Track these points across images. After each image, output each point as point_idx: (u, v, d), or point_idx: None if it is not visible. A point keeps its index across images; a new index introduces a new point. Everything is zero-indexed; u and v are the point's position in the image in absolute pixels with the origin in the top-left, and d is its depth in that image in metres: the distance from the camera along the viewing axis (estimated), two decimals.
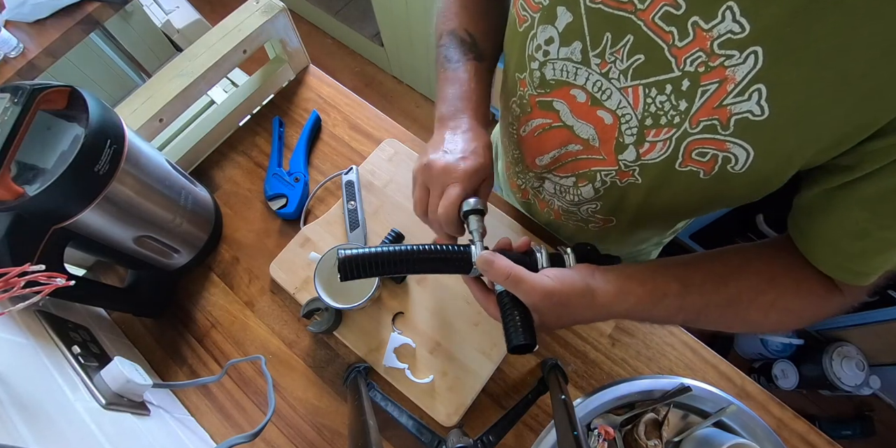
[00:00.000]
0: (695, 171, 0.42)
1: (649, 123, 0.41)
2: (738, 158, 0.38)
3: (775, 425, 0.61)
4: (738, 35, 0.32)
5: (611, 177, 0.51)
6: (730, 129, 0.37)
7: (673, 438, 0.58)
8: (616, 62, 0.40)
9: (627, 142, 0.45)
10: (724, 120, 0.36)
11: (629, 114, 0.42)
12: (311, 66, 0.90)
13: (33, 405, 0.42)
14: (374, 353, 0.67)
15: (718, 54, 0.34)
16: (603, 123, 0.46)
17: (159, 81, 0.72)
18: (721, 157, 0.39)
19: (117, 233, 0.60)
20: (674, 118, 0.39)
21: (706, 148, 0.39)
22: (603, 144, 0.48)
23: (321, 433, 0.65)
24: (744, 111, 0.35)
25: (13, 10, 1.11)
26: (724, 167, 0.40)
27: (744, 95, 0.34)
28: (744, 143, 0.37)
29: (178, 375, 0.70)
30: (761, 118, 0.35)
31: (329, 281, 0.66)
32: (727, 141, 0.38)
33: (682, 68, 0.36)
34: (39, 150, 0.51)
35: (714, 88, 0.35)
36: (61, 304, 0.63)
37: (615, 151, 0.47)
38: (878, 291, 1.18)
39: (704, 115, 0.37)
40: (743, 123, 0.36)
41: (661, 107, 0.39)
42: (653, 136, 0.42)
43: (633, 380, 0.61)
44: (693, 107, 0.37)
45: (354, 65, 2.09)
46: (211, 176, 0.82)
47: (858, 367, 1.37)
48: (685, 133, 0.39)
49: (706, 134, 0.38)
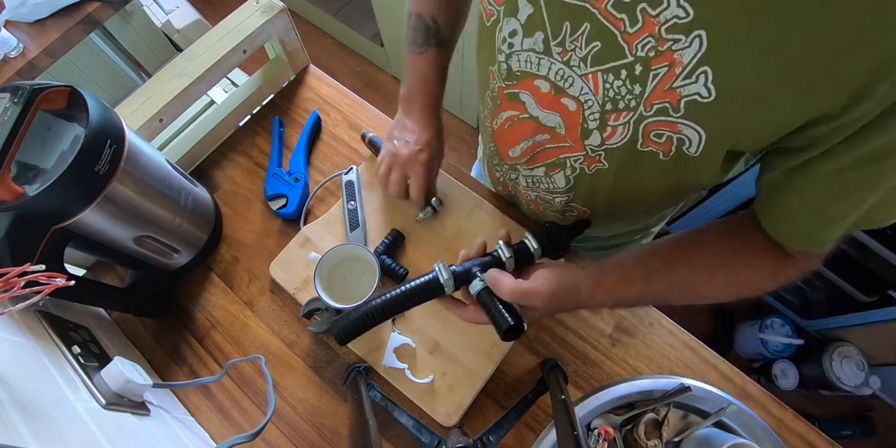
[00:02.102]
0: (655, 151, 0.44)
1: (609, 108, 0.43)
2: (692, 141, 0.40)
3: (775, 425, 0.61)
4: (682, 20, 0.34)
5: (579, 163, 0.53)
6: (680, 111, 0.38)
7: (673, 438, 0.58)
8: (576, 50, 0.42)
9: (591, 127, 0.47)
10: (675, 102, 0.38)
11: (591, 99, 0.44)
12: (311, 66, 0.90)
13: (33, 405, 0.42)
14: (374, 353, 0.67)
15: (666, 39, 0.35)
16: (567, 110, 0.48)
17: (159, 81, 0.72)
18: (676, 138, 0.41)
19: (117, 233, 0.60)
20: (630, 102, 0.41)
21: (661, 130, 0.41)
22: (569, 131, 0.50)
23: (321, 433, 0.65)
24: (692, 93, 0.36)
25: (13, 10, 1.11)
26: (680, 149, 0.42)
27: (691, 78, 0.36)
28: (694, 124, 0.39)
29: (178, 375, 0.70)
30: (708, 100, 0.36)
31: (329, 281, 0.66)
32: (679, 123, 0.39)
33: (634, 53, 0.38)
34: (39, 150, 0.51)
35: (664, 72, 0.37)
36: (61, 304, 0.63)
37: (581, 137, 0.49)
38: (878, 291, 1.19)
39: (657, 98, 0.39)
40: (692, 106, 0.37)
41: (619, 91, 0.41)
42: (613, 121, 0.44)
43: (633, 380, 0.61)
44: (646, 90, 0.39)
45: (354, 65, 2.09)
46: (211, 176, 0.82)
47: (858, 367, 1.36)
48: (641, 116, 0.41)
49: (659, 116, 0.40)
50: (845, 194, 0.39)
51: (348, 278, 0.68)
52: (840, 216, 0.40)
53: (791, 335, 1.48)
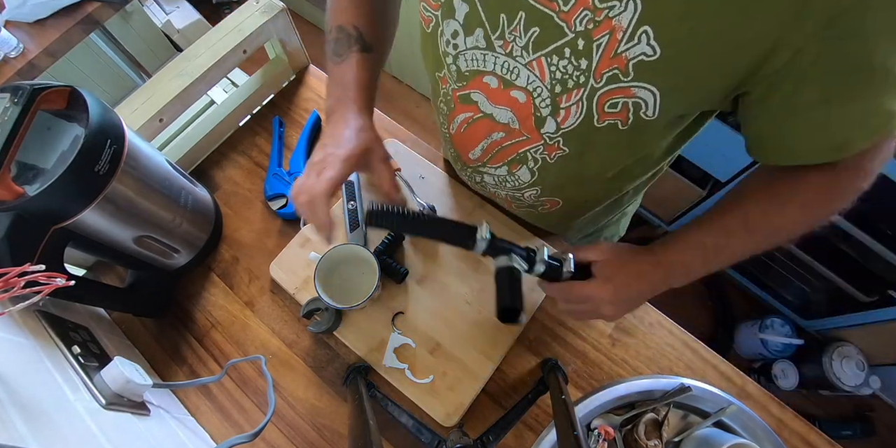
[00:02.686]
0: (612, 123, 0.44)
1: (559, 90, 0.44)
2: (647, 103, 0.41)
3: (775, 425, 0.61)
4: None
5: (539, 154, 0.53)
6: (630, 74, 0.39)
7: (673, 438, 0.58)
8: (516, 40, 0.42)
9: (544, 114, 0.47)
10: (623, 67, 0.39)
11: (539, 87, 0.45)
12: (311, 66, 0.90)
13: (33, 405, 0.42)
14: (374, 353, 0.67)
15: (601, 8, 0.36)
16: (518, 103, 0.48)
17: (159, 81, 0.72)
18: (631, 103, 0.41)
19: (117, 233, 0.60)
20: (579, 78, 0.42)
21: (615, 98, 0.42)
22: (522, 124, 0.50)
23: (321, 433, 0.65)
24: (638, 54, 0.38)
25: (13, 10, 1.11)
26: (638, 114, 0.42)
27: (633, 40, 0.37)
28: (647, 85, 0.40)
29: (178, 375, 0.70)
30: (654, 58, 0.37)
31: (329, 281, 0.66)
32: (631, 86, 0.40)
33: (573, 30, 0.39)
34: (39, 150, 0.51)
35: (606, 40, 0.38)
36: (61, 304, 0.63)
37: (536, 127, 0.49)
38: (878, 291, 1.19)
39: (605, 67, 0.40)
40: (640, 66, 0.38)
41: (566, 71, 0.42)
42: (565, 102, 0.44)
43: (633, 380, 0.61)
44: (593, 62, 0.40)
45: None
46: (211, 176, 0.82)
47: (858, 367, 1.36)
48: (592, 89, 0.42)
49: (611, 84, 0.41)
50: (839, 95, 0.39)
51: (348, 278, 0.68)
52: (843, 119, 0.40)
53: (791, 335, 1.48)
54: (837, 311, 1.37)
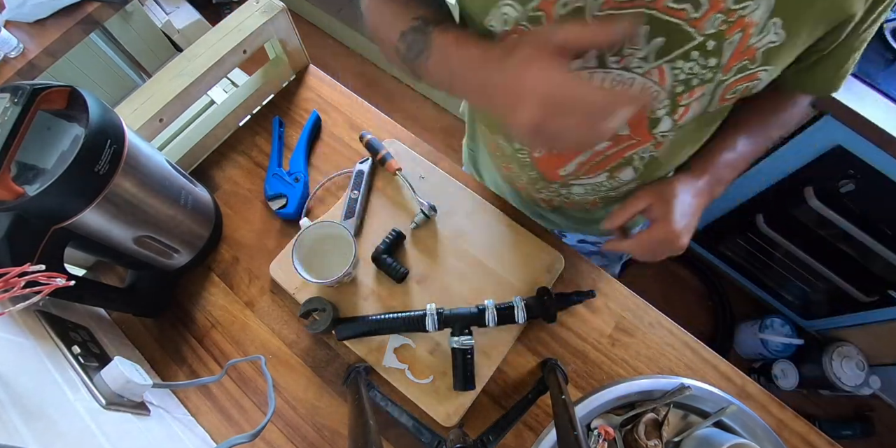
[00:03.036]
0: (726, 106, 0.47)
1: (681, 90, 0.44)
2: (763, 80, 0.44)
3: (775, 425, 0.61)
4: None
5: (648, 152, 0.54)
6: (758, 61, 0.41)
7: (673, 438, 0.58)
8: (634, 53, 0.42)
9: (660, 115, 0.48)
10: (752, 56, 0.41)
11: (657, 91, 0.45)
12: (311, 66, 0.90)
13: (33, 405, 0.42)
14: (374, 353, 0.67)
15: (735, 9, 0.38)
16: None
17: (159, 81, 0.72)
18: (752, 85, 0.44)
19: (117, 233, 0.60)
20: (705, 75, 0.43)
21: (739, 85, 0.44)
22: (634, 129, 0.50)
23: (321, 433, 0.65)
24: (766, 43, 0.40)
25: (13, 10, 1.11)
26: (749, 91, 0.45)
27: (764, 31, 0.39)
28: (768, 66, 0.42)
29: (178, 375, 0.70)
30: (779, 42, 0.40)
31: (310, 258, 0.67)
32: (757, 71, 0.42)
33: (703, 33, 0.39)
34: (39, 150, 0.51)
35: (739, 37, 0.39)
36: (61, 304, 0.63)
37: (649, 129, 0.50)
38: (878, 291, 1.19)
39: (735, 61, 0.41)
40: (767, 52, 0.41)
41: (691, 71, 0.43)
42: (686, 99, 0.45)
43: (633, 380, 0.61)
44: (723, 58, 0.41)
45: (355, 65, 2.09)
46: (211, 176, 0.82)
47: (858, 367, 1.36)
48: (719, 82, 0.43)
49: (739, 74, 0.42)
50: (859, 42, 0.46)
51: (329, 257, 0.69)
52: (852, 61, 0.49)
53: (791, 335, 1.48)
54: (837, 311, 1.37)
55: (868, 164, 0.92)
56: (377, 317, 0.65)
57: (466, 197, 0.75)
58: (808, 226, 1.19)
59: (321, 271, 0.66)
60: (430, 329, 0.62)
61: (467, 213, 0.74)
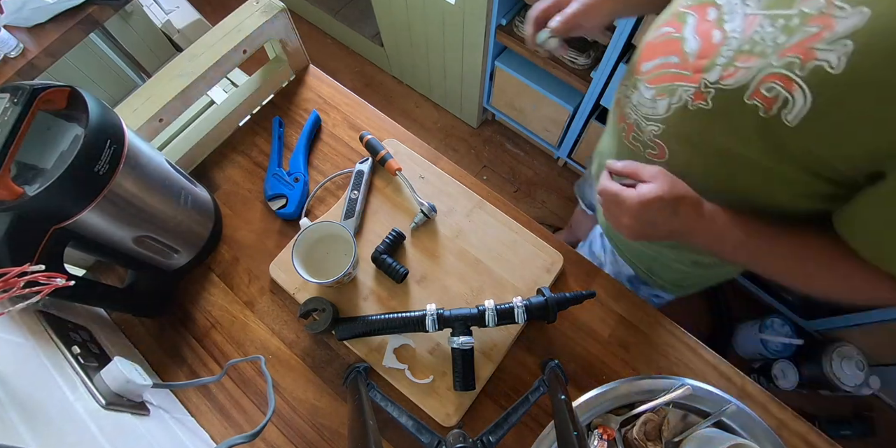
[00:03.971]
0: (757, 105, 0.45)
1: (746, 48, 0.45)
2: (796, 103, 0.41)
3: (775, 425, 0.61)
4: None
5: (688, 94, 0.53)
6: (805, 70, 0.40)
7: (673, 438, 0.58)
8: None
9: (718, 62, 0.48)
10: (804, 61, 0.40)
11: (736, 38, 0.47)
12: (311, 66, 0.90)
13: (33, 405, 0.42)
14: (374, 353, 0.67)
15: (836, 5, 0.38)
16: (710, 41, 0.50)
17: (159, 81, 0.72)
18: (783, 97, 0.42)
19: (117, 233, 0.60)
20: (766, 49, 0.43)
21: (776, 83, 0.43)
22: (698, 60, 0.51)
23: (321, 433, 0.65)
24: (823, 59, 0.39)
25: (11, 14, 1.11)
26: (780, 111, 0.43)
27: (832, 44, 0.38)
28: (808, 88, 0.40)
29: (178, 375, 0.70)
30: (834, 72, 0.38)
31: (309, 257, 0.67)
32: (796, 81, 0.41)
33: (799, 7, 0.41)
34: (39, 150, 0.51)
35: (814, 31, 0.39)
36: (61, 304, 0.63)
37: (703, 70, 0.50)
38: None
39: (792, 51, 0.41)
40: (817, 71, 0.39)
41: (764, 37, 0.44)
42: (741, 62, 0.46)
43: (633, 380, 0.61)
44: (788, 42, 0.41)
45: (354, 65, 2.09)
46: (211, 176, 0.82)
47: (858, 367, 1.36)
48: (767, 65, 0.43)
49: (783, 69, 0.42)
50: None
51: (329, 257, 0.69)
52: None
53: (791, 335, 1.48)
54: (837, 311, 1.37)
55: None
56: (377, 317, 0.65)
57: (466, 197, 0.75)
58: None
59: (321, 271, 0.66)
60: (430, 329, 0.62)
61: (467, 212, 0.74)
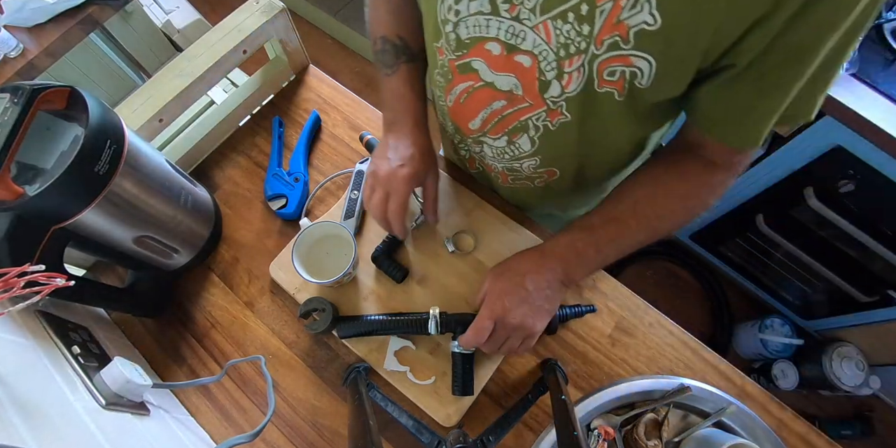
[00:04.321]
0: (610, 91, 0.46)
1: (563, 54, 0.45)
2: (643, 71, 0.42)
3: (775, 425, 0.61)
4: None
5: (542, 120, 0.53)
6: (630, 42, 0.40)
7: (673, 438, 0.58)
8: (524, 2, 0.43)
9: (549, 77, 0.48)
10: (624, 34, 0.40)
11: (546, 49, 0.45)
12: (311, 66, 0.90)
13: (33, 405, 0.42)
14: (374, 353, 0.67)
15: None
16: (522, 68, 0.49)
17: (159, 81, 0.72)
18: (628, 72, 0.43)
19: (117, 233, 0.60)
20: (580, 44, 0.43)
21: (614, 66, 0.43)
22: (526, 90, 0.51)
23: (321, 433, 0.65)
24: (639, 23, 0.39)
25: (11, 15, 1.11)
26: (633, 83, 0.44)
27: (636, 8, 0.38)
28: (644, 54, 0.41)
29: (178, 375, 0.70)
30: (655, 27, 0.38)
31: (309, 257, 0.67)
32: (630, 55, 0.41)
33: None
34: (39, 150, 0.51)
35: (609, 7, 0.39)
36: (61, 304, 0.63)
37: (540, 92, 0.50)
38: (878, 291, 1.19)
39: (606, 34, 0.41)
40: (640, 35, 0.39)
41: (569, 36, 0.43)
42: (568, 67, 0.45)
43: (633, 380, 0.61)
44: (595, 28, 0.41)
45: (354, 65, 2.09)
46: (211, 176, 0.82)
47: (858, 367, 1.36)
48: (593, 56, 0.43)
49: (611, 52, 0.42)
50: (771, 92, 0.43)
51: (329, 257, 0.69)
52: (769, 112, 0.45)
53: (791, 335, 1.48)
54: (837, 311, 1.37)
55: (868, 164, 0.92)
56: (379, 317, 0.65)
57: (466, 196, 0.75)
58: (807, 226, 1.19)
59: (321, 271, 0.66)
60: (433, 332, 0.62)
61: (467, 212, 0.74)
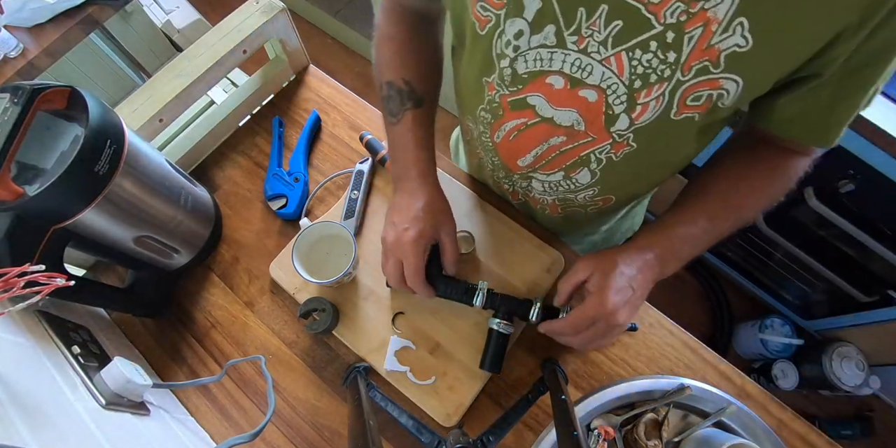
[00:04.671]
0: (690, 116, 0.44)
1: (638, 85, 0.43)
2: (730, 92, 0.41)
3: (775, 425, 0.61)
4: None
5: (605, 153, 0.52)
6: (721, 65, 0.39)
7: (673, 438, 0.58)
8: (594, 35, 0.41)
9: (618, 111, 0.46)
10: (715, 59, 0.39)
11: (616, 83, 0.43)
12: (311, 66, 0.90)
13: (33, 405, 0.42)
14: (374, 353, 0.67)
15: (696, 0, 0.36)
16: (586, 103, 0.47)
17: (159, 81, 0.72)
18: (715, 95, 0.41)
19: (117, 233, 0.60)
20: (664, 72, 0.41)
21: (700, 91, 0.41)
22: (590, 125, 0.49)
23: (321, 433, 0.65)
24: (731, 46, 0.37)
25: (11, 14, 1.11)
26: (716, 104, 0.42)
27: (728, 31, 0.37)
28: (734, 75, 0.40)
29: (178, 375, 0.70)
30: (746, 49, 0.37)
31: (307, 256, 0.67)
32: (720, 78, 0.40)
33: (662, 22, 0.38)
34: (39, 150, 0.51)
35: (699, 33, 0.37)
36: (61, 304, 0.63)
37: (606, 125, 0.48)
38: (878, 291, 1.19)
39: (695, 59, 0.39)
40: (731, 57, 0.38)
41: (649, 65, 0.41)
42: (644, 97, 0.44)
43: (633, 380, 0.61)
44: (682, 55, 0.39)
45: (355, 65, 2.09)
46: (211, 176, 0.82)
47: (858, 367, 1.36)
48: (678, 83, 0.41)
49: (699, 77, 0.40)
50: (851, 94, 0.43)
51: (329, 257, 0.69)
52: (849, 111, 0.45)
53: (791, 335, 1.48)
54: (837, 311, 1.37)
55: (868, 164, 0.92)
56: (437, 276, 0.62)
57: (466, 197, 0.75)
58: (807, 226, 1.19)
59: (321, 271, 0.66)
60: (477, 304, 0.61)
61: (467, 212, 0.74)
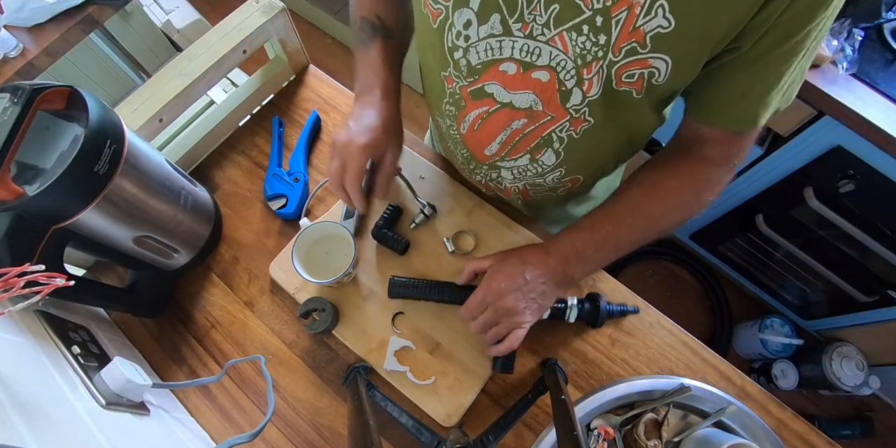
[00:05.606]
0: (629, 90, 0.46)
1: (580, 63, 0.45)
2: (660, 71, 0.43)
3: (775, 425, 0.61)
4: None
5: (565, 131, 0.54)
6: (648, 46, 0.41)
7: (673, 438, 0.58)
8: (536, 19, 0.43)
9: (570, 86, 0.48)
10: (641, 40, 0.41)
11: (564, 59, 0.46)
12: (311, 66, 0.90)
13: (33, 405, 0.42)
14: (373, 353, 0.67)
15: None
16: (540, 83, 0.49)
17: (159, 81, 0.72)
18: (646, 73, 0.44)
19: (117, 233, 0.60)
20: (597, 53, 0.43)
21: (633, 70, 0.44)
22: (547, 104, 0.51)
23: (321, 433, 0.65)
24: (655, 27, 0.40)
25: (11, 14, 1.11)
26: (650, 82, 0.45)
27: (651, 13, 0.39)
28: (661, 55, 0.42)
29: (178, 375, 0.70)
30: (670, 29, 0.39)
31: (307, 256, 0.67)
32: (648, 58, 0.42)
33: (591, 7, 0.40)
34: (39, 150, 0.51)
35: (625, 16, 0.40)
36: (61, 304, 0.63)
37: (562, 102, 0.50)
38: (878, 291, 1.19)
39: (624, 41, 0.41)
40: (656, 38, 0.40)
41: (584, 46, 0.43)
42: (587, 74, 0.46)
43: (633, 380, 0.61)
44: (612, 37, 0.41)
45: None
46: (211, 176, 0.82)
47: (858, 367, 1.36)
48: (611, 62, 0.44)
49: (629, 57, 0.43)
50: (766, 72, 0.45)
51: (329, 257, 0.69)
52: (765, 92, 0.46)
53: (791, 335, 1.48)
54: (837, 311, 1.37)
55: (868, 164, 0.92)
56: (431, 281, 0.65)
57: (466, 197, 0.75)
58: (807, 226, 1.19)
59: (321, 271, 0.66)
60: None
61: (467, 212, 0.74)
